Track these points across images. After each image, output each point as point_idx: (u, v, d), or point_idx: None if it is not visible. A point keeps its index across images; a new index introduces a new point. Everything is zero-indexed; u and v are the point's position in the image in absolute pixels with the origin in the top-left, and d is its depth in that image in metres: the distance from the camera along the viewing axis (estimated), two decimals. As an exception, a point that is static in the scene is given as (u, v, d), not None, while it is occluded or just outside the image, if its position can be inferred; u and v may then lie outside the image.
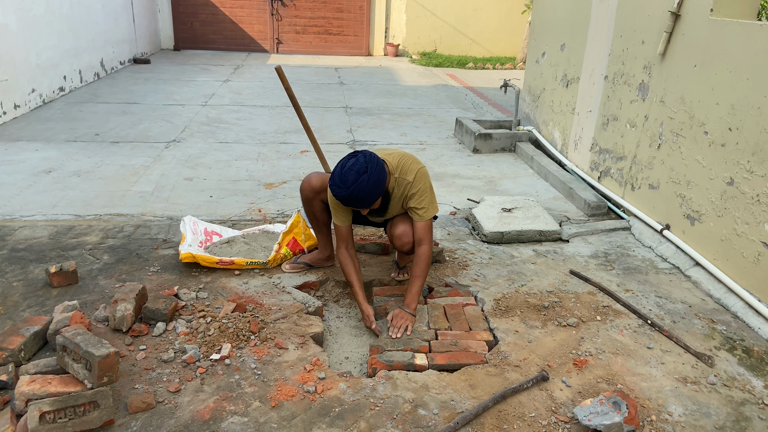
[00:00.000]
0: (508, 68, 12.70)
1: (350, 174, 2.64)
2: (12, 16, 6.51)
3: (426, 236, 2.88)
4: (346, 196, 2.65)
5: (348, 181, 2.63)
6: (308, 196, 3.16)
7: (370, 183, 2.64)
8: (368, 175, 2.64)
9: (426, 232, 2.88)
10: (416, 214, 2.88)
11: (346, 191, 2.63)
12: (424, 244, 2.88)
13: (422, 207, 2.87)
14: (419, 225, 2.89)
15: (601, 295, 3.18)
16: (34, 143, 5.61)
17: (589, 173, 4.87)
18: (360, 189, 2.63)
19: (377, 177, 2.67)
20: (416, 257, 2.89)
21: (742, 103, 3.12)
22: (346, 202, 2.70)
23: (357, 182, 2.62)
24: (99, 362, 2.08)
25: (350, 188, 2.62)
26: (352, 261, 2.99)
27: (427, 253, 2.88)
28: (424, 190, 2.87)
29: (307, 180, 3.16)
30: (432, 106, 8.31)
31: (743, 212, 3.12)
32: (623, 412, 2.14)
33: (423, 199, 2.87)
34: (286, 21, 13.33)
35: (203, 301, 2.93)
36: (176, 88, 8.61)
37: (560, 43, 5.49)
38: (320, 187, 3.11)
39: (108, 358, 2.11)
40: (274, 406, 2.25)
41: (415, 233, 2.91)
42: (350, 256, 2.99)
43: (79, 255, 3.39)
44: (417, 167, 2.89)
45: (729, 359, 2.67)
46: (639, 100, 4.12)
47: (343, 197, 2.67)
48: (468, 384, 2.41)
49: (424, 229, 2.88)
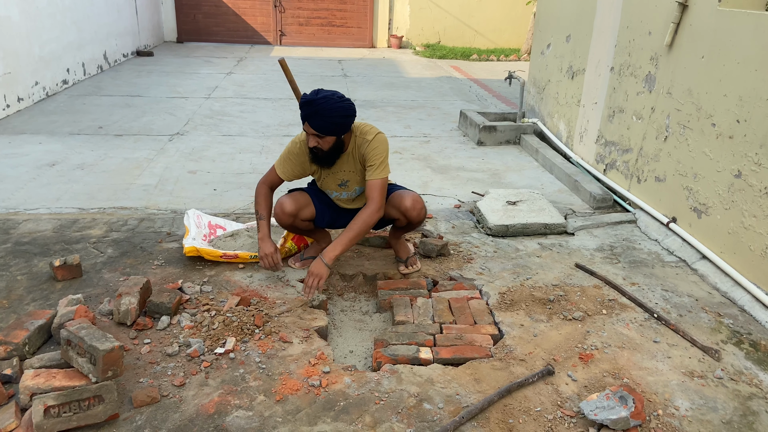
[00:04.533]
0: (513, 60, 12.63)
1: (325, 91, 2.77)
2: (15, 8, 6.49)
3: (376, 196, 2.86)
4: (311, 100, 2.72)
5: (322, 92, 2.75)
6: (287, 222, 3.07)
7: (337, 105, 2.74)
8: (339, 98, 2.77)
9: (378, 192, 2.87)
10: (370, 171, 2.89)
11: (313, 97, 2.72)
12: (372, 204, 2.85)
13: (375, 164, 2.89)
14: (372, 183, 2.88)
15: (607, 288, 3.16)
16: (38, 136, 5.61)
17: (595, 166, 4.84)
18: (327, 102, 2.72)
19: (345, 106, 2.78)
20: (360, 213, 2.86)
21: (750, 95, 3.09)
22: (307, 109, 2.73)
23: (327, 97, 2.73)
24: (103, 356, 2.09)
25: (318, 98, 2.71)
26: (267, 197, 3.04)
27: (372, 213, 2.84)
28: (381, 150, 2.91)
29: (279, 207, 3.02)
30: (436, 98, 8.27)
31: (751, 205, 3.09)
32: (630, 406, 2.13)
33: (377, 156, 2.89)
34: (289, 13, 13.28)
35: (207, 294, 2.93)
36: (179, 81, 8.60)
37: (566, 34, 5.44)
38: (296, 208, 3.04)
39: (112, 352, 2.11)
40: (278, 400, 2.24)
41: (366, 190, 2.90)
42: (267, 195, 3.04)
43: (83, 248, 3.39)
44: (377, 131, 2.96)
45: (736, 353, 2.65)
46: (645, 92, 4.08)
47: (308, 101, 2.73)
48: (473, 378, 2.40)
49: (377, 187, 2.87)
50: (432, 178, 4.94)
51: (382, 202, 2.88)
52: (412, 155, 5.54)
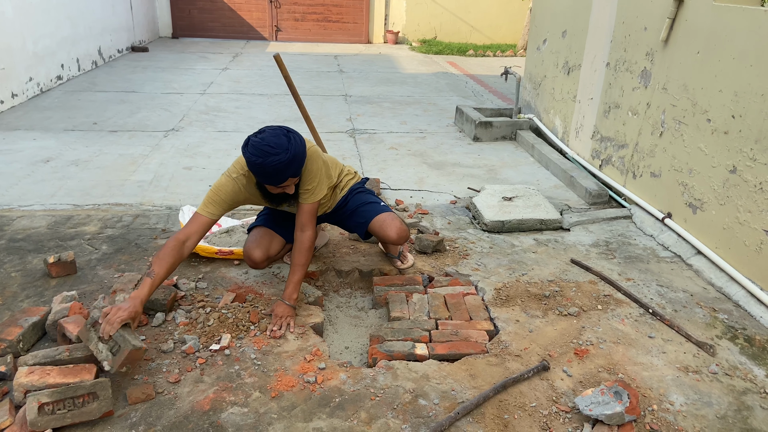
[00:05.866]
0: (509, 55, 12.61)
1: (279, 139, 2.42)
2: (8, 3, 6.45)
3: (310, 221, 2.70)
4: (289, 159, 2.40)
5: (282, 144, 2.40)
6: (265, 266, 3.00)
7: (300, 140, 2.49)
8: (293, 134, 2.49)
9: (308, 218, 2.70)
10: (304, 193, 2.68)
11: (287, 154, 2.39)
12: (307, 230, 2.69)
13: (309, 189, 2.68)
14: (304, 207, 2.69)
15: (602, 284, 3.17)
16: (32, 132, 5.58)
17: (591, 161, 4.84)
18: (297, 147, 2.44)
19: (298, 134, 2.53)
20: (298, 244, 2.69)
21: (745, 90, 3.09)
22: (289, 169, 2.43)
23: (291, 141, 2.43)
24: (129, 352, 2.13)
25: (291, 150, 2.40)
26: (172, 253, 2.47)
27: (311, 241, 2.70)
28: (315, 172, 2.68)
29: (249, 259, 2.91)
30: (432, 94, 8.25)
31: (746, 200, 3.10)
32: (624, 401, 2.13)
33: (312, 180, 2.68)
34: (285, 8, 13.22)
35: (202, 291, 2.92)
36: (175, 77, 8.56)
37: (561, 29, 5.43)
38: (265, 252, 2.93)
39: (138, 351, 2.17)
40: (274, 397, 2.24)
41: (298, 217, 2.71)
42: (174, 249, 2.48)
43: (77, 245, 3.38)
44: (310, 145, 2.69)
45: (731, 348, 2.66)
46: (641, 88, 4.08)
47: (286, 161, 2.40)
48: (469, 374, 2.40)
49: (308, 213, 2.69)
50: (428, 174, 4.93)
51: (313, 228, 2.73)
52: (408, 151, 5.54)
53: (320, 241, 3.45)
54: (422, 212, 4.06)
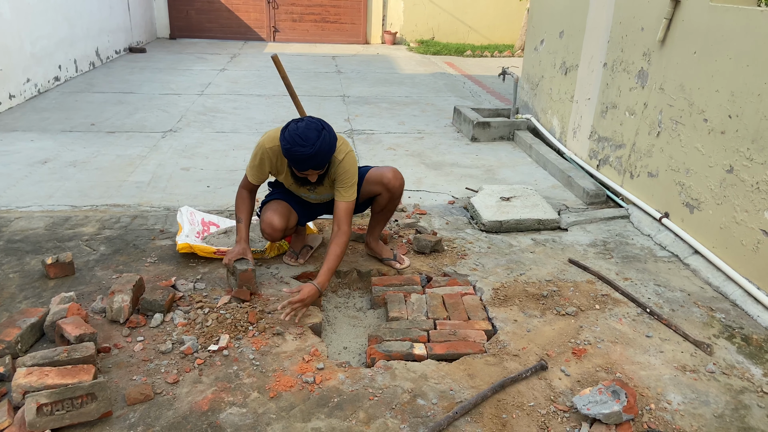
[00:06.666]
0: (507, 56, 12.63)
1: (310, 132, 2.59)
2: (6, 4, 6.44)
3: (346, 219, 2.84)
4: (312, 154, 2.57)
5: (311, 138, 2.57)
6: (279, 237, 3.06)
7: (330, 139, 2.64)
8: (327, 132, 2.64)
9: (345, 216, 2.85)
10: (340, 193, 2.85)
11: (312, 149, 2.57)
12: (343, 227, 2.83)
13: (345, 185, 2.84)
14: (340, 205, 2.84)
15: (600, 283, 3.18)
16: (30, 133, 5.57)
17: (588, 161, 4.85)
18: (324, 144, 2.60)
19: (332, 133, 2.69)
20: (335, 237, 2.82)
21: (742, 90, 3.10)
22: (311, 161, 2.61)
23: (320, 138, 2.59)
24: (241, 274, 2.79)
25: (316, 145, 2.57)
26: (248, 201, 2.98)
27: (347, 236, 2.84)
28: (351, 173, 2.85)
29: (268, 225, 2.99)
30: (430, 94, 8.26)
31: (743, 200, 3.11)
32: (622, 400, 2.14)
33: (348, 179, 2.84)
34: (282, 9, 13.23)
35: (201, 291, 2.92)
36: (172, 78, 8.55)
37: (559, 30, 5.45)
38: (285, 222, 3.03)
39: (246, 272, 2.80)
40: (272, 397, 2.24)
41: (335, 213, 2.86)
42: (247, 198, 2.98)
43: (75, 246, 3.38)
44: (348, 149, 2.86)
45: (728, 347, 2.67)
46: (638, 88, 4.09)
47: (309, 155, 2.58)
48: (467, 373, 2.41)
49: (345, 211, 2.85)
50: (426, 174, 4.94)
51: (349, 225, 2.87)
52: (405, 151, 5.54)
53: (314, 243, 3.45)
54: (420, 212, 4.06)
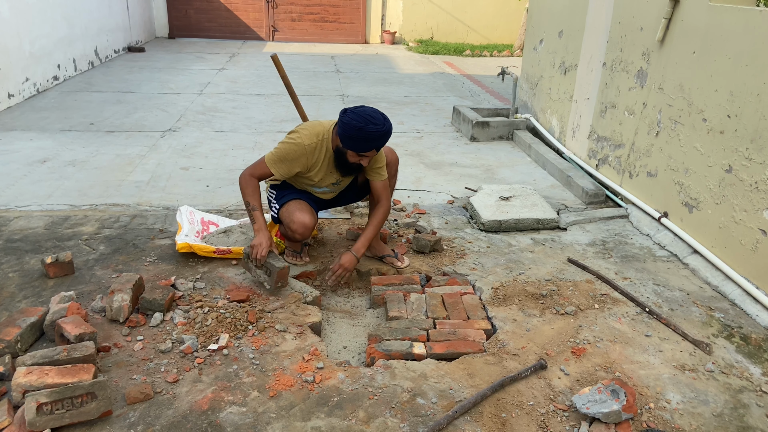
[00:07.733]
0: (506, 56, 12.63)
1: (376, 113, 2.89)
2: (5, 3, 6.43)
3: (385, 193, 3.16)
4: (385, 131, 2.87)
5: (380, 117, 2.88)
6: (308, 236, 3.14)
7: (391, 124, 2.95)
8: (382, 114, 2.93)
9: (384, 190, 3.17)
10: (377, 173, 3.12)
11: (384, 127, 2.86)
12: (383, 200, 3.15)
13: (381, 165, 3.12)
14: (380, 184, 3.14)
15: (599, 283, 3.18)
16: (29, 133, 5.57)
17: (587, 161, 4.85)
18: (389, 123, 2.91)
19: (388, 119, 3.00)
20: (376, 209, 3.15)
21: (741, 90, 3.10)
22: (383, 138, 2.88)
23: (385, 118, 2.90)
24: (278, 271, 2.78)
25: (387, 123, 2.88)
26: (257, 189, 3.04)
27: (386, 212, 3.16)
28: (382, 154, 3.15)
29: (300, 225, 3.06)
30: (429, 94, 8.26)
31: (741, 199, 3.11)
32: (621, 399, 2.14)
33: (381, 159, 3.13)
34: (281, 8, 13.22)
35: (200, 291, 2.92)
36: (171, 77, 8.55)
37: (558, 29, 5.45)
38: (315, 220, 3.15)
39: (284, 269, 2.81)
40: (272, 396, 2.24)
41: (375, 191, 3.16)
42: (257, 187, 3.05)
43: (75, 245, 3.37)
44: None
45: (727, 346, 2.67)
46: (637, 88, 4.10)
47: (383, 132, 2.86)
48: (466, 373, 2.41)
49: (383, 186, 3.16)
50: (425, 173, 4.94)
51: (389, 202, 3.19)
52: (405, 151, 5.54)
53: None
54: (420, 212, 4.07)
